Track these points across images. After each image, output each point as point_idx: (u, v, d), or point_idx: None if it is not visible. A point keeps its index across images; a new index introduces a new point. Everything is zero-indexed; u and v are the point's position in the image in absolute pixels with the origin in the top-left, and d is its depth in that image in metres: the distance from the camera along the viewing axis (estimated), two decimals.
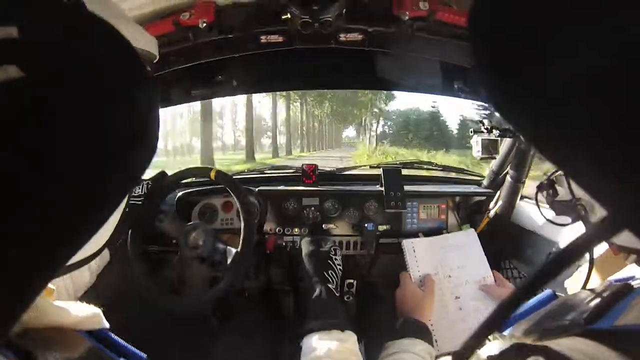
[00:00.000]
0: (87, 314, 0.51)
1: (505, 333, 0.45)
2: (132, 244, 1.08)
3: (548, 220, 0.80)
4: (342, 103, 34.00)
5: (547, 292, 0.55)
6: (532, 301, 0.54)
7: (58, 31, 0.21)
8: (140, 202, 1.07)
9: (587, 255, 0.58)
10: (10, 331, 0.23)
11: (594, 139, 0.18)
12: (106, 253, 0.95)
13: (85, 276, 0.87)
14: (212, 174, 1.15)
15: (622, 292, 0.38)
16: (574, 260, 0.21)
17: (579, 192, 0.55)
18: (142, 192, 1.09)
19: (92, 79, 0.21)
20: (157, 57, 0.64)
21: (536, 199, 0.86)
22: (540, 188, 0.82)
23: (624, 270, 0.50)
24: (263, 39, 0.87)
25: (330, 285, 0.84)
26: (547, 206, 0.77)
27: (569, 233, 0.90)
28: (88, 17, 0.22)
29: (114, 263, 0.94)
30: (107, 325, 0.55)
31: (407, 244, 1.10)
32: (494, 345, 0.39)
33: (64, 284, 0.80)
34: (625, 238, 0.43)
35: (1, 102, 0.18)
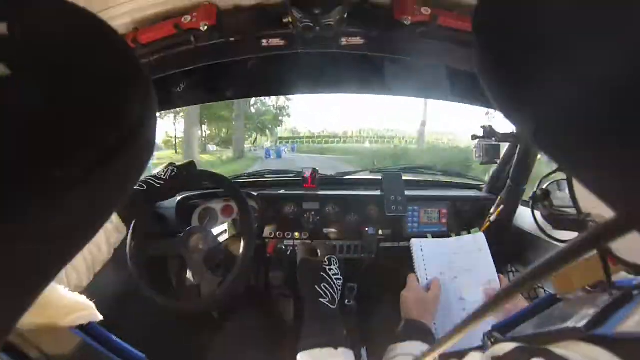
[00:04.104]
0: (78, 308, 0.50)
1: (508, 336, 0.46)
2: (132, 248, 1.08)
3: (553, 238, 0.78)
4: None
5: (547, 294, 0.55)
6: (534, 304, 0.54)
7: (46, 27, 0.20)
8: (158, 184, 0.98)
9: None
10: (10, 332, 0.22)
11: (604, 143, 0.18)
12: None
13: (103, 251, 0.87)
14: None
15: (622, 299, 0.38)
16: (572, 260, 0.21)
17: (587, 205, 0.53)
18: (165, 176, 1.00)
19: (81, 78, 0.21)
20: None
21: (532, 213, 0.84)
22: (534, 200, 0.80)
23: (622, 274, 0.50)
24: (264, 42, 0.87)
25: (323, 300, 0.81)
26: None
27: (571, 236, 0.89)
28: (77, 12, 0.22)
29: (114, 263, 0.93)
30: (99, 317, 0.53)
31: (415, 243, 1.10)
32: (498, 347, 0.40)
33: (83, 258, 0.80)
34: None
35: None
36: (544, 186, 0.78)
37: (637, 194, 0.18)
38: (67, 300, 0.49)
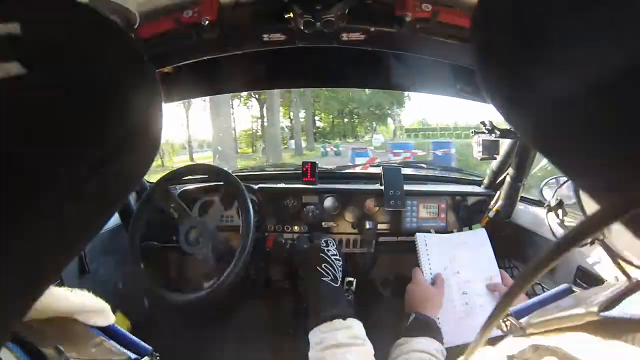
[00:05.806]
0: (94, 309, 0.50)
1: (523, 321, 0.47)
2: (131, 240, 1.09)
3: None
4: None
5: (563, 285, 0.56)
6: (550, 293, 0.55)
7: (56, 26, 0.20)
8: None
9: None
10: (16, 325, 0.23)
11: (595, 141, 0.19)
12: None
13: None
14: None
15: (633, 287, 0.40)
16: (568, 249, 0.22)
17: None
18: None
19: (89, 76, 0.21)
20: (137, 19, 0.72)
21: (547, 220, 0.84)
22: (549, 209, 0.81)
23: None
24: (265, 37, 0.87)
25: (325, 279, 0.83)
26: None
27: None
28: (85, 10, 0.22)
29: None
30: (113, 319, 0.55)
31: (420, 237, 1.11)
32: (513, 345, 0.41)
33: None
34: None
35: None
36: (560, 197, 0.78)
37: (626, 187, 0.18)
38: (80, 300, 0.50)
